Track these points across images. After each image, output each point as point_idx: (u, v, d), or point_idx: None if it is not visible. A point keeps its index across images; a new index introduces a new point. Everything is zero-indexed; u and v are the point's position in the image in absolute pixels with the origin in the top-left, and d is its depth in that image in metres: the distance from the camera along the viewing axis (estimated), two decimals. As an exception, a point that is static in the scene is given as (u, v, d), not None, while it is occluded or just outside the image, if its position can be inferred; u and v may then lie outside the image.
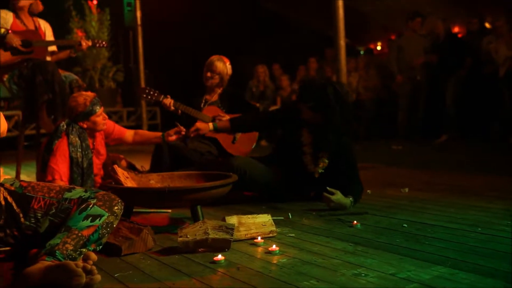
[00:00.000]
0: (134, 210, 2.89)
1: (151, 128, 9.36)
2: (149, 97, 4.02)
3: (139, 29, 8.56)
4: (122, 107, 9.76)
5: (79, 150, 3.27)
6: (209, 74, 4.15)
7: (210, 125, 3.56)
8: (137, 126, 9.26)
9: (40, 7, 4.42)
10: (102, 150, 3.54)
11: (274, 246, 2.26)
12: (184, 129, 3.55)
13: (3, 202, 2.19)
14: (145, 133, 3.91)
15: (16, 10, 4.31)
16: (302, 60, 9.06)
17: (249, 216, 2.59)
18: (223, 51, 4.51)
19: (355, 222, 2.72)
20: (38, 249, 2.12)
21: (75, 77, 4.52)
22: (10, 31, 4.14)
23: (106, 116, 3.43)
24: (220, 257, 2.15)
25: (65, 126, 3.29)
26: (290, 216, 2.95)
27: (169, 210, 3.25)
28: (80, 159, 3.27)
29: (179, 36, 10.20)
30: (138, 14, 8.49)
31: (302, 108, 3.37)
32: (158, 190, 2.65)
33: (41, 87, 4.00)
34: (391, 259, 2.10)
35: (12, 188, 2.23)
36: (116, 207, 2.23)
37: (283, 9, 11.16)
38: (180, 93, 4.34)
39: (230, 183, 2.74)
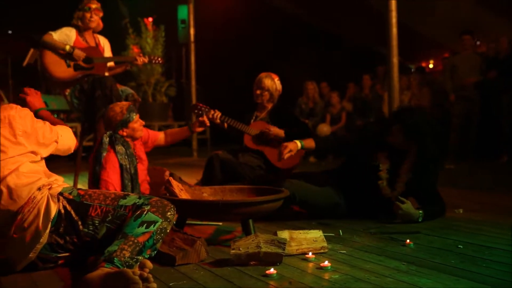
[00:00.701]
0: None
1: (201, 142, 9.53)
2: (200, 112, 4.10)
3: (192, 46, 8.77)
4: (173, 121, 10.00)
5: (126, 157, 3.37)
6: (258, 91, 4.21)
7: (298, 143, 3.54)
8: (186, 140, 9.46)
9: (101, 25, 4.63)
10: (143, 156, 3.63)
11: (326, 262, 2.26)
12: (207, 121, 3.71)
13: (62, 211, 2.29)
14: (173, 131, 3.99)
15: (79, 28, 4.53)
16: (350, 77, 9.02)
17: (301, 231, 2.60)
18: (273, 68, 4.57)
19: (408, 241, 2.68)
20: (96, 256, 2.20)
21: (131, 91, 4.69)
22: (75, 48, 4.35)
23: (143, 122, 3.51)
24: (272, 270, 2.17)
25: (108, 138, 3.39)
26: (341, 233, 2.94)
27: (220, 223, 3.30)
28: (128, 165, 3.37)
29: (230, 52, 10.40)
30: (192, 31, 8.71)
31: (395, 131, 3.35)
32: (211, 202, 2.70)
33: (100, 101, 4.16)
34: (447, 280, 2.06)
35: (71, 197, 2.33)
36: (169, 213, 2.29)
37: (334, 27, 11.18)
38: (231, 108, 4.42)
39: (281, 198, 2.77)
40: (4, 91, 7.27)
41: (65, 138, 2.59)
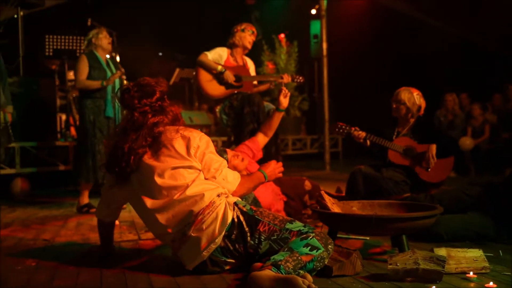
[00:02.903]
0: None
1: (333, 155, 9.55)
2: (341, 131, 4.15)
3: (325, 60, 8.87)
4: (306, 135, 10.15)
5: None
6: (394, 105, 4.16)
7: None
8: (319, 154, 9.56)
9: (249, 46, 4.93)
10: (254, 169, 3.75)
11: (491, 283, 2.18)
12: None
13: (236, 220, 2.49)
14: (265, 124, 4.06)
15: (232, 48, 4.87)
16: (492, 87, 8.48)
17: (459, 249, 2.53)
18: (407, 80, 4.48)
19: None
20: (262, 263, 2.35)
21: (272, 106, 4.90)
22: (226, 69, 4.69)
23: (238, 154, 3.55)
24: (433, 288, 2.14)
25: None
26: (501, 254, 2.80)
27: (367, 237, 3.31)
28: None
29: (362, 65, 10.34)
30: (324, 45, 8.82)
31: None
32: (365, 217, 2.73)
33: (249, 117, 4.42)
34: None
35: (244, 209, 2.53)
36: (330, 246, 2.41)
37: (471, 35, 10.61)
38: (364, 121, 4.41)
39: (436, 215, 2.72)
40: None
41: (226, 182, 2.66)
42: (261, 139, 4.04)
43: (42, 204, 5.29)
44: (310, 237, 2.38)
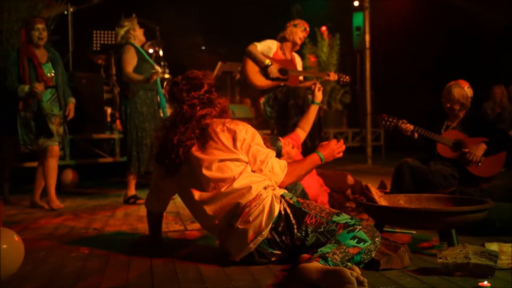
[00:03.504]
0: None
1: (375, 149, 9.44)
2: (388, 123, 4.10)
3: (367, 52, 8.75)
4: (347, 128, 10.06)
5: None
6: (448, 104, 4.05)
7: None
8: (361, 147, 9.47)
9: (299, 42, 4.96)
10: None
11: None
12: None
13: (282, 212, 2.50)
14: (302, 118, 4.06)
15: (282, 42, 4.90)
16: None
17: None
18: (453, 71, 4.37)
19: None
20: (309, 255, 2.36)
21: (316, 100, 4.88)
22: (272, 63, 4.71)
23: (289, 141, 3.59)
24: (486, 283, 2.11)
25: None
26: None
27: (414, 231, 3.27)
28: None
29: (405, 57, 10.15)
30: (367, 37, 8.70)
31: None
32: (414, 210, 2.70)
33: (293, 109, 4.43)
34: None
35: (291, 202, 2.54)
36: (377, 238, 2.39)
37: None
38: (407, 114, 4.33)
39: (487, 209, 2.66)
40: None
41: (273, 174, 2.65)
42: (300, 134, 4.05)
43: (90, 195, 5.45)
44: (357, 229, 2.38)
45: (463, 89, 4.02)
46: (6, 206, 4.70)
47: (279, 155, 3.58)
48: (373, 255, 2.38)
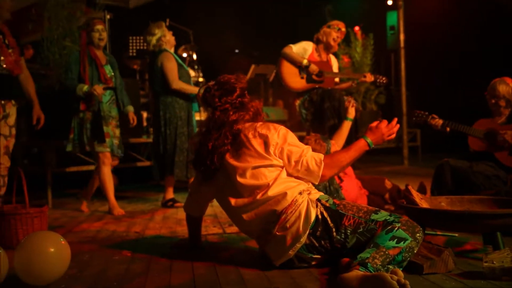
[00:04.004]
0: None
1: (412, 149, 9.29)
2: (419, 118, 4.05)
3: (402, 52, 8.64)
4: (382, 129, 9.90)
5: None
6: (493, 100, 3.96)
7: None
8: (396, 148, 9.32)
9: (336, 47, 4.93)
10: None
11: None
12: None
13: (320, 216, 2.49)
14: (336, 132, 4.13)
15: (318, 44, 4.89)
16: None
17: (561, 248, 2.39)
18: (490, 69, 4.26)
19: None
20: (349, 259, 2.34)
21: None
22: (310, 62, 4.71)
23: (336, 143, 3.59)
24: (535, 288, 2.05)
25: None
26: None
27: (456, 234, 3.21)
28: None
29: (440, 56, 9.96)
30: (402, 37, 8.59)
31: None
32: (457, 212, 2.65)
33: (329, 112, 4.40)
34: None
35: (327, 204, 2.52)
36: (418, 234, 2.34)
37: None
38: (443, 115, 4.25)
39: (534, 211, 2.59)
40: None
41: (309, 173, 2.59)
42: (334, 147, 4.03)
43: (128, 199, 5.55)
44: (396, 228, 2.33)
45: (509, 86, 3.94)
46: (50, 210, 4.82)
47: (328, 152, 3.56)
48: (415, 251, 2.33)
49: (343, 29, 4.86)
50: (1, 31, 3.74)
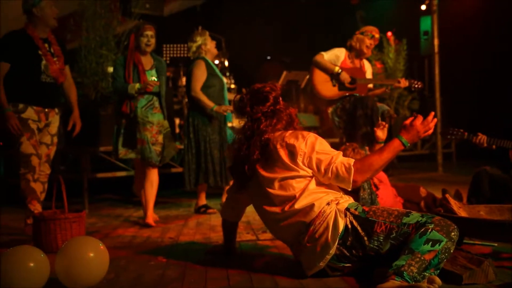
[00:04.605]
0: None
1: (446, 156, 9.12)
2: (453, 137, 3.95)
3: (436, 57, 8.51)
4: (416, 135, 9.75)
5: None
6: None
7: None
8: (430, 155, 9.17)
9: (370, 52, 4.89)
10: (380, 176, 3.67)
11: None
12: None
13: (349, 226, 2.46)
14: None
15: (351, 49, 4.86)
16: None
17: None
18: None
19: None
20: (384, 268, 2.31)
21: (387, 107, 4.82)
22: (342, 70, 4.67)
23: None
24: None
25: None
26: None
27: (495, 244, 3.12)
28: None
29: (477, 62, 9.76)
30: (436, 42, 8.46)
31: None
32: (498, 222, 2.59)
33: (361, 120, 4.37)
34: None
35: (356, 213, 2.49)
36: (453, 233, 2.29)
37: None
38: (479, 121, 4.16)
39: None
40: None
41: (340, 180, 2.54)
42: None
43: (161, 204, 5.60)
44: (429, 230, 2.28)
45: None
46: (86, 215, 4.92)
47: None
48: (452, 251, 2.28)
49: (377, 36, 4.81)
50: (47, 39, 3.85)
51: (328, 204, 2.51)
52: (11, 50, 3.73)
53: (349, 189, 2.58)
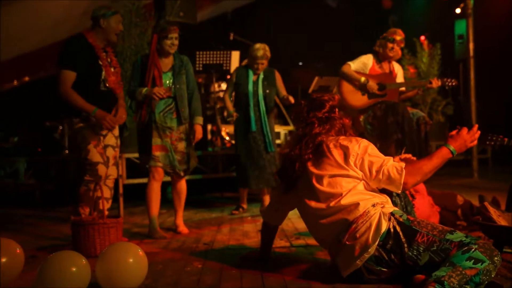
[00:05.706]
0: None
1: (482, 162, 8.94)
2: (492, 143, 3.87)
3: (471, 61, 8.35)
4: (450, 141, 9.58)
5: None
6: None
7: None
8: (465, 160, 8.99)
9: (399, 54, 4.84)
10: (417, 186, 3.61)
11: None
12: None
13: (392, 230, 2.46)
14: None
15: (378, 54, 4.81)
16: None
17: None
18: None
19: None
20: (425, 276, 2.30)
21: (422, 114, 4.76)
22: (369, 80, 4.64)
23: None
24: None
25: None
26: None
27: (536, 253, 3.05)
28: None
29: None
30: (471, 46, 8.31)
31: None
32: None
33: (392, 127, 4.33)
34: None
35: (401, 219, 2.50)
36: (496, 258, 2.28)
37: None
38: None
39: None
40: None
41: (390, 183, 2.59)
42: None
43: (195, 209, 5.66)
44: (473, 249, 2.27)
45: None
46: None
47: None
48: (493, 276, 2.26)
49: (399, 38, 4.71)
50: (105, 49, 3.82)
51: (373, 205, 2.55)
52: (76, 59, 3.66)
53: (399, 191, 2.61)
